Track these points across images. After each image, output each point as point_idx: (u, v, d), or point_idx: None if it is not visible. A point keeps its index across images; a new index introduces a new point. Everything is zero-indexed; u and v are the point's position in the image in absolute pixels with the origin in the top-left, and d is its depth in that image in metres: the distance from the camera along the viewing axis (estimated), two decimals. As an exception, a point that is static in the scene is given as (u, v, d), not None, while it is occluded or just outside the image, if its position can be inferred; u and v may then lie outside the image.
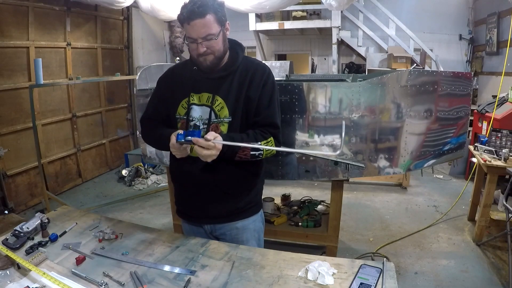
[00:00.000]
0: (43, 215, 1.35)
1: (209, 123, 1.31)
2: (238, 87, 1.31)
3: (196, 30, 1.21)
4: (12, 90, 3.65)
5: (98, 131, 5.01)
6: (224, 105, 1.30)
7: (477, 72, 5.69)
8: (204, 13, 1.18)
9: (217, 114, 1.31)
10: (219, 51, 1.28)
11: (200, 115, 1.33)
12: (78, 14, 4.38)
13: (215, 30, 1.23)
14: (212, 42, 1.23)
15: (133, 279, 1.04)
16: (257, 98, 1.31)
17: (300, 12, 5.97)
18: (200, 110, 1.33)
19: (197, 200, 1.38)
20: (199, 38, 1.22)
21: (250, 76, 1.33)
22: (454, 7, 6.02)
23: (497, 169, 2.72)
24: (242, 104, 1.31)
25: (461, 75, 2.21)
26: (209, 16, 1.20)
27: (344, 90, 1.98)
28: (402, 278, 2.49)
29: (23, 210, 3.74)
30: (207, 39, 1.22)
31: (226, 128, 1.30)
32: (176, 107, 1.36)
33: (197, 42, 1.22)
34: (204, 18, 1.19)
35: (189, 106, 1.33)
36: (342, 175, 2.07)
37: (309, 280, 1.05)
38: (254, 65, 1.36)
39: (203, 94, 1.33)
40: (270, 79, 1.36)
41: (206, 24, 1.20)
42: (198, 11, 1.18)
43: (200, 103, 1.33)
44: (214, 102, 1.31)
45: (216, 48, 1.26)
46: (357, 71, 6.17)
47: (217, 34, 1.23)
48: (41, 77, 3.17)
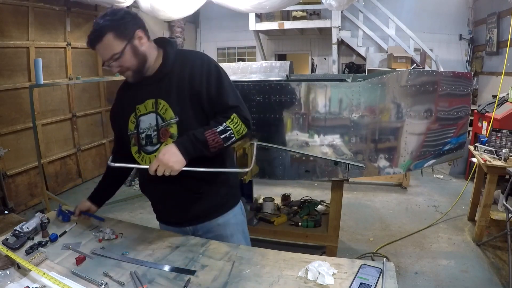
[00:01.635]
0: (43, 215, 1.35)
1: (158, 129, 1.27)
2: (178, 84, 1.26)
3: (100, 54, 1.21)
4: (12, 90, 3.65)
5: (98, 131, 5.01)
6: (168, 107, 1.25)
7: (477, 72, 5.69)
8: (100, 36, 1.17)
9: (163, 117, 1.26)
10: (133, 64, 1.23)
11: (149, 123, 1.29)
12: (78, 14, 4.38)
13: (119, 48, 1.18)
14: (121, 60, 1.20)
15: (133, 279, 1.04)
16: (205, 90, 1.24)
17: (300, 12, 5.97)
18: (147, 119, 1.29)
19: (171, 206, 1.36)
20: (108, 61, 1.20)
21: (189, 70, 1.26)
22: (454, 7, 6.02)
23: (497, 169, 2.72)
24: (189, 100, 1.26)
25: (461, 75, 2.21)
26: (106, 37, 1.17)
27: (344, 90, 1.98)
28: (402, 278, 2.49)
29: (23, 210, 3.74)
30: (114, 59, 1.20)
31: (175, 129, 1.25)
32: (126, 126, 1.35)
33: (108, 64, 1.21)
34: (101, 41, 1.17)
35: (137, 119, 1.31)
36: (342, 175, 2.08)
37: (309, 280, 1.05)
38: (190, 57, 1.31)
39: (147, 102, 1.29)
40: (211, 66, 1.28)
41: (106, 46, 1.18)
42: (94, 37, 1.17)
43: (146, 111, 1.29)
44: (158, 106, 1.27)
45: (128, 64, 1.22)
46: (357, 71, 6.17)
47: (122, 51, 1.19)
48: (41, 77, 3.17)
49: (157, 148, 1.27)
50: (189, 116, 1.25)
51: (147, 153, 1.30)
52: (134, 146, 1.34)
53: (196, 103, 1.26)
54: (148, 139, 1.30)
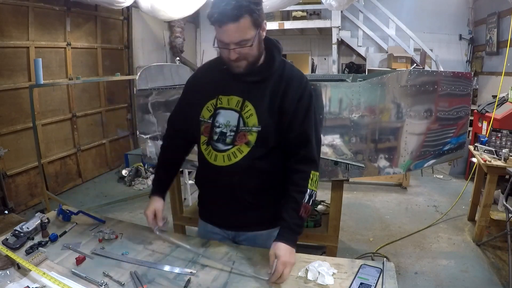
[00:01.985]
0: (43, 215, 1.35)
1: (237, 131, 1.19)
2: (271, 95, 1.18)
3: (229, 35, 1.06)
4: (12, 90, 3.65)
5: (98, 131, 5.01)
6: (254, 113, 1.18)
7: (477, 72, 5.69)
8: (238, 16, 1.03)
9: (245, 121, 1.18)
10: (253, 56, 1.14)
11: (228, 120, 1.20)
12: (78, 14, 4.38)
13: (250, 35, 1.08)
14: (246, 49, 1.09)
15: (133, 279, 1.04)
16: (291, 112, 1.18)
17: (300, 12, 5.98)
18: (227, 115, 1.21)
19: (222, 209, 1.31)
20: (232, 44, 1.08)
21: (285, 86, 1.19)
22: (454, 7, 6.02)
23: (497, 169, 2.72)
24: (275, 114, 1.18)
25: (461, 75, 2.20)
26: (243, 20, 1.04)
27: (344, 90, 1.98)
28: (402, 278, 2.49)
29: (23, 210, 3.74)
30: (241, 45, 1.08)
31: (254, 138, 1.18)
32: (200, 109, 1.25)
33: (229, 48, 1.09)
34: (238, 22, 1.04)
35: (215, 110, 1.22)
36: (342, 175, 2.07)
37: (309, 280, 1.05)
38: (290, 73, 1.22)
39: (232, 97, 1.20)
40: (306, 91, 1.21)
41: (240, 29, 1.05)
42: (231, 14, 1.03)
43: (228, 107, 1.21)
44: (243, 108, 1.19)
45: (250, 54, 1.13)
46: (357, 71, 6.18)
47: (252, 39, 1.08)
48: (41, 77, 3.17)
49: (229, 149, 1.20)
50: (269, 129, 1.19)
51: (217, 150, 1.22)
52: (204, 136, 1.26)
53: (280, 120, 1.19)
54: (222, 136, 1.21)
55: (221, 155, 1.21)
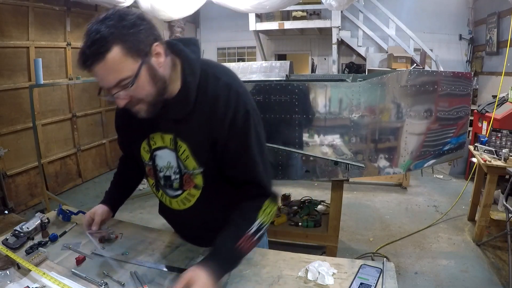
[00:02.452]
0: (43, 215, 1.35)
1: (181, 175, 1.04)
2: (199, 128, 0.97)
3: (101, 79, 0.83)
4: (12, 90, 3.65)
5: (98, 131, 5.01)
6: (189, 154, 1.00)
7: (477, 72, 5.69)
8: (101, 52, 0.78)
9: (184, 164, 1.02)
10: (150, 94, 0.87)
11: (168, 161, 1.05)
12: (78, 14, 4.38)
13: (130, 70, 0.82)
14: (133, 89, 0.84)
15: (133, 279, 1.04)
16: (224, 141, 0.95)
17: (300, 12, 5.98)
18: (165, 155, 1.04)
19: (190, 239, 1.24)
20: (111, 89, 0.84)
21: (210, 110, 0.94)
22: (454, 7, 6.02)
23: (497, 169, 2.72)
24: (210, 149, 0.98)
25: (461, 75, 2.21)
26: (111, 54, 0.79)
27: (344, 90, 1.98)
28: (402, 278, 2.49)
29: (23, 210, 3.74)
30: (122, 86, 0.83)
31: (201, 180, 1.03)
32: (138, 150, 1.10)
33: (111, 93, 0.84)
34: (104, 59, 0.79)
35: (152, 153, 1.06)
36: (342, 175, 2.08)
37: (309, 280, 1.05)
38: (213, 90, 0.94)
39: (164, 135, 1.02)
40: (239, 110, 0.94)
41: (112, 67, 0.80)
42: (92, 53, 0.78)
43: (163, 145, 1.03)
44: (177, 148, 1.01)
45: (142, 94, 0.86)
46: (357, 71, 6.18)
47: (135, 75, 0.82)
48: (41, 77, 3.17)
49: (179, 194, 1.09)
50: (214, 167, 1.02)
51: (167, 195, 1.13)
52: (151, 179, 1.14)
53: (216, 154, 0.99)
54: (168, 181, 1.08)
55: (174, 201, 1.13)
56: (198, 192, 1.07)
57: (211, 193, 1.07)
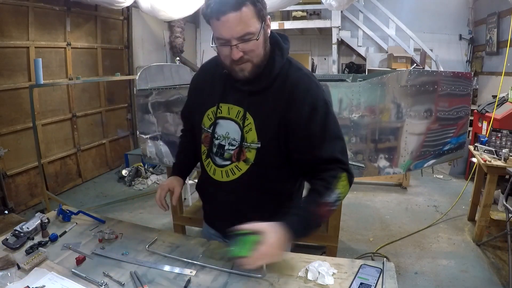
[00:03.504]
0: (43, 215, 1.35)
1: (240, 147, 1.06)
2: (274, 107, 1.03)
3: (229, 28, 0.91)
4: (12, 90, 3.65)
5: (98, 131, 5.01)
6: (253, 127, 1.04)
7: (477, 72, 5.69)
8: (239, 4, 0.89)
9: (244, 136, 1.06)
10: (259, 56, 0.98)
11: (227, 132, 1.09)
12: (78, 14, 4.38)
13: (255, 27, 0.93)
14: (251, 44, 0.94)
15: (133, 279, 1.04)
16: (303, 124, 1.01)
17: (300, 12, 5.98)
18: (226, 125, 1.09)
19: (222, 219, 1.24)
20: (234, 39, 0.92)
21: (288, 95, 1.02)
22: (454, 7, 6.02)
23: (497, 169, 2.72)
24: (277, 128, 1.02)
25: (461, 75, 2.21)
26: (246, 9, 0.90)
27: (344, 90, 1.98)
28: (402, 278, 2.49)
29: (23, 210, 3.74)
30: (245, 39, 0.93)
31: (253, 156, 1.06)
32: (202, 115, 1.15)
33: (231, 44, 0.93)
34: (239, 10, 0.89)
35: (215, 119, 1.11)
36: (342, 175, 2.07)
37: (309, 280, 1.05)
38: (295, 76, 1.04)
39: (233, 107, 1.07)
40: (319, 100, 1.02)
41: (243, 19, 0.90)
42: (231, 2, 0.89)
43: (229, 117, 1.08)
44: (244, 121, 1.05)
45: (256, 53, 0.97)
46: (357, 71, 6.18)
47: (258, 32, 0.93)
48: (41, 77, 3.17)
49: (227, 165, 1.11)
50: (272, 147, 1.05)
51: (215, 164, 1.14)
52: (204, 146, 1.17)
53: (284, 134, 1.03)
54: (220, 149, 1.11)
55: (219, 170, 1.14)
56: (246, 167, 1.09)
57: (257, 172, 1.08)
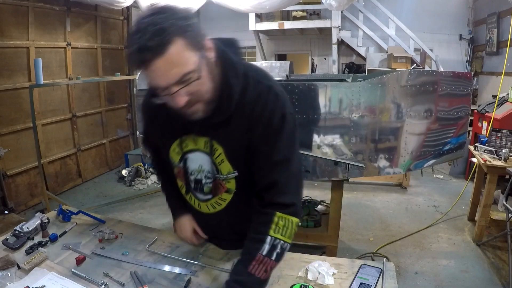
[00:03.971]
0: (43, 215, 1.35)
1: (214, 179, 1.02)
2: (237, 130, 0.94)
3: (162, 76, 0.77)
4: (12, 90, 3.65)
5: (98, 131, 5.01)
6: (224, 158, 0.97)
7: (477, 72, 5.69)
8: (163, 45, 0.73)
9: (218, 168, 0.99)
10: (208, 91, 0.85)
11: (200, 165, 1.02)
12: (78, 14, 4.38)
13: (193, 64, 0.78)
14: (195, 85, 0.80)
15: (133, 279, 1.04)
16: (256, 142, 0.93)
17: (300, 12, 5.97)
18: (197, 158, 1.02)
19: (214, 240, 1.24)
20: (172, 86, 0.78)
21: (249, 113, 0.91)
22: (454, 7, 6.02)
23: (497, 169, 2.72)
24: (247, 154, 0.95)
25: (461, 75, 2.21)
26: (173, 48, 0.74)
27: (344, 90, 1.98)
28: (402, 278, 2.49)
29: (23, 210, 3.74)
30: (185, 82, 0.78)
31: (233, 184, 1.02)
32: (167, 150, 1.06)
33: (171, 93, 0.79)
34: (166, 53, 0.73)
35: (183, 155, 1.03)
36: (342, 175, 2.08)
37: (309, 280, 1.05)
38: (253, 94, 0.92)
39: (198, 138, 0.99)
40: (276, 112, 0.91)
41: (174, 61, 0.75)
42: (153, 46, 0.72)
43: (196, 148, 1.00)
44: (213, 152, 0.97)
45: (203, 90, 0.83)
46: (357, 71, 6.17)
47: (198, 69, 0.79)
48: (41, 77, 3.17)
49: (209, 199, 1.08)
50: (248, 171, 0.98)
51: (197, 198, 1.11)
52: (181, 182, 1.13)
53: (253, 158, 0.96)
54: (198, 184, 1.06)
55: (204, 204, 1.11)
56: (230, 196, 1.05)
57: (243, 197, 1.03)
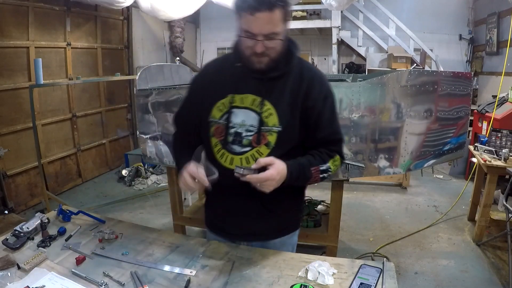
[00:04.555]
0: (43, 215, 1.35)
1: (259, 131, 1.13)
2: (292, 93, 1.14)
3: (260, 24, 1.01)
4: (12, 90, 3.65)
5: (98, 131, 5.01)
6: (274, 112, 1.12)
7: (477, 72, 5.69)
8: (273, 5, 1.00)
9: (264, 121, 1.13)
10: (277, 52, 1.09)
11: (243, 120, 1.14)
12: (78, 14, 4.38)
13: (280, 29, 1.04)
14: (274, 42, 1.05)
15: (133, 279, 1.05)
16: (317, 111, 1.15)
17: (300, 12, 5.97)
18: (242, 114, 1.15)
19: (237, 217, 1.24)
20: (261, 35, 1.03)
21: (307, 84, 1.15)
22: (454, 7, 6.02)
23: (497, 169, 2.72)
24: (298, 114, 1.14)
25: (461, 75, 2.21)
26: (277, 11, 1.01)
27: (344, 90, 1.98)
28: (402, 278, 2.49)
29: (23, 210, 3.74)
30: (270, 37, 1.04)
31: (274, 139, 1.13)
32: (210, 109, 1.18)
33: (257, 39, 1.03)
34: (272, 11, 1.00)
35: (230, 109, 1.15)
36: (342, 175, 2.07)
37: (309, 280, 1.05)
38: (310, 71, 1.19)
39: (247, 96, 1.14)
40: (330, 90, 1.20)
41: (273, 20, 1.01)
42: (268, 2, 0.99)
43: (243, 105, 1.15)
44: (262, 107, 1.13)
45: (275, 50, 1.08)
46: (357, 71, 6.18)
47: (282, 33, 1.06)
48: (41, 77, 3.17)
49: (247, 151, 1.14)
50: (292, 129, 1.14)
51: (232, 152, 1.16)
52: (215, 138, 1.18)
53: (304, 117, 1.15)
54: (238, 137, 1.15)
55: (238, 158, 1.15)
56: (267, 151, 1.14)
57: (278, 155, 1.10)
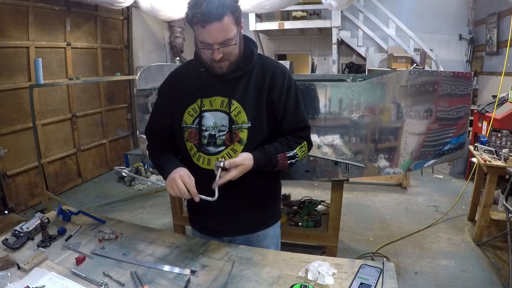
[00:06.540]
0: (43, 215, 1.35)
1: (231, 130, 1.18)
2: (257, 89, 1.20)
3: (213, 35, 1.06)
4: (12, 90, 3.65)
5: (98, 131, 5.01)
6: (242, 110, 1.18)
7: (477, 72, 5.69)
8: (222, 14, 1.03)
9: (233, 119, 1.19)
10: (235, 55, 1.15)
11: (214, 122, 1.20)
12: (78, 14, 4.38)
13: (233, 33, 1.09)
14: (230, 48, 1.10)
15: (133, 279, 1.05)
16: (282, 103, 1.22)
17: (300, 12, 5.98)
18: (214, 116, 1.20)
19: (219, 213, 1.28)
20: (216, 44, 1.08)
21: (270, 78, 1.21)
22: (454, 7, 6.02)
23: (497, 169, 2.72)
24: (265, 108, 1.21)
25: (461, 75, 2.20)
26: (227, 18, 1.05)
27: (344, 90, 1.98)
28: (402, 278, 2.49)
29: (23, 210, 3.74)
30: (225, 44, 1.09)
31: (245, 135, 1.19)
32: (181, 116, 1.23)
33: (213, 48, 1.08)
34: (221, 21, 1.04)
35: (200, 113, 1.21)
36: (342, 175, 2.07)
37: (309, 280, 1.05)
38: (271, 66, 1.24)
39: (216, 98, 1.20)
40: (292, 80, 1.26)
41: (224, 28, 1.06)
42: (215, 13, 1.02)
43: (213, 108, 1.20)
44: (231, 107, 1.18)
45: (233, 53, 1.13)
46: (357, 71, 6.18)
47: (235, 38, 1.10)
48: (41, 77, 3.17)
49: (221, 150, 1.21)
50: (261, 123, 1.21)
51: (207, 153, 1.22)
52: (189, 142, 1.24)
53: (270, 111, 1.22)
54: (212, 138, 1.21)
55: (214, 158, 1.20)
56: (241, 147, 1.20)
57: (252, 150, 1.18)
